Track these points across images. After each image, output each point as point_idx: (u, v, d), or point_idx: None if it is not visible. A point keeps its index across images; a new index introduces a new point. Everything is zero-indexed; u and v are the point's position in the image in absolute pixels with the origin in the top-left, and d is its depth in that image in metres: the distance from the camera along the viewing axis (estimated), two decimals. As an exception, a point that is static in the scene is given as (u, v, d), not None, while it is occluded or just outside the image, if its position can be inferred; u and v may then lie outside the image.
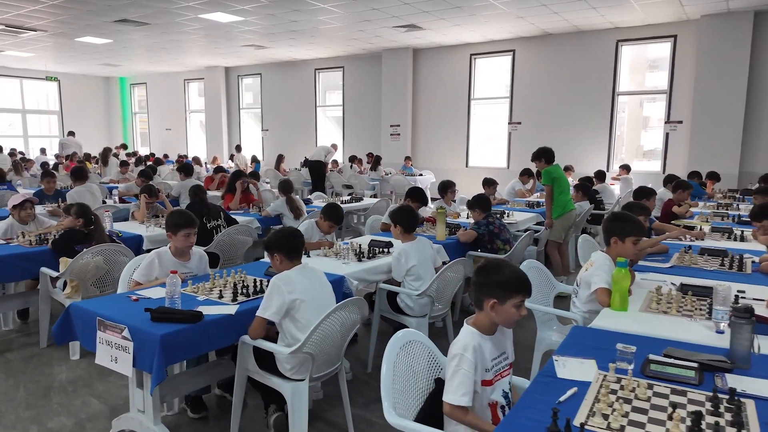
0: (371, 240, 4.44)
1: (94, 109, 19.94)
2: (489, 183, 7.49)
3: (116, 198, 7.01)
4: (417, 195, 5.27)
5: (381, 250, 4.14)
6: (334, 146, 12.21)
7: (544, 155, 5.70)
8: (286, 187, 6.30)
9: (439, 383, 2.06)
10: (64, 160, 14.07)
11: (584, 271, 2.94)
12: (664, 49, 10.72)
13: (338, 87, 15.47)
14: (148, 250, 5.37)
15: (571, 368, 1.96)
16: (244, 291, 3.03)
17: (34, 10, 9.69)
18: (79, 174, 6.58)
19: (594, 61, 11.17)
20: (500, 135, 12.88)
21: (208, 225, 5.09)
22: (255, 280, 3.22)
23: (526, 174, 8.63)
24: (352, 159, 13.27)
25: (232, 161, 14.72)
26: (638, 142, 13.54)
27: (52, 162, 13.97)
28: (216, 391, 3.41)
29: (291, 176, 12.80)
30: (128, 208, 6.54)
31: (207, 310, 2.71)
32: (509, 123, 12.36)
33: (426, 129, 13.72)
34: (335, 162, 13.29)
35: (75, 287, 4.00)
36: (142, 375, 2.63)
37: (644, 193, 4.83)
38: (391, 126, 13.86)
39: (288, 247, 2.86)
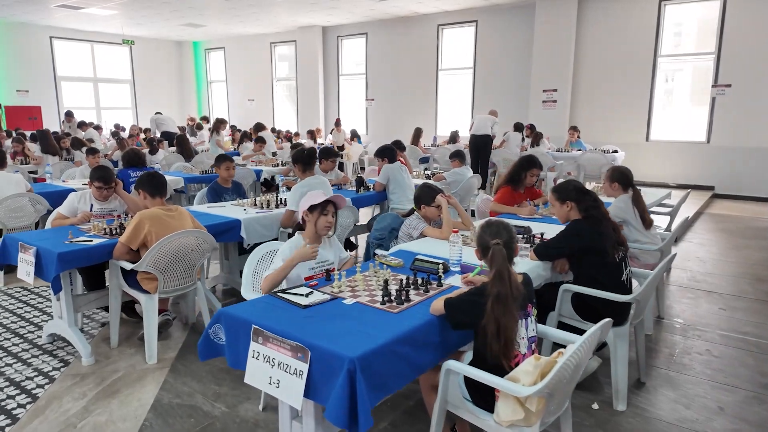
0: None
1: (167, 78, 17.89)
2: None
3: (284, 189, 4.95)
4: None
5: None
6: (494, 113, 9.86)
7: None
8: (626, 179, 4.11)
9: None
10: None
11: None
12: None
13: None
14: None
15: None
16: None
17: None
18: (308, 160, 4.44)
19: None
20: (696, 100, 10.49)
21: (617, 257, 2.98)
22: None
23: None
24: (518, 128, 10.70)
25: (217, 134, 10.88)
26: None
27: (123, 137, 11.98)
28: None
29: (436, 155, 10.65)
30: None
31: None
32: (714, 85, 9.91)
33: (590, 94, 11.32)
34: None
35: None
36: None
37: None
38: (544, 91, 11.51)
39: None
